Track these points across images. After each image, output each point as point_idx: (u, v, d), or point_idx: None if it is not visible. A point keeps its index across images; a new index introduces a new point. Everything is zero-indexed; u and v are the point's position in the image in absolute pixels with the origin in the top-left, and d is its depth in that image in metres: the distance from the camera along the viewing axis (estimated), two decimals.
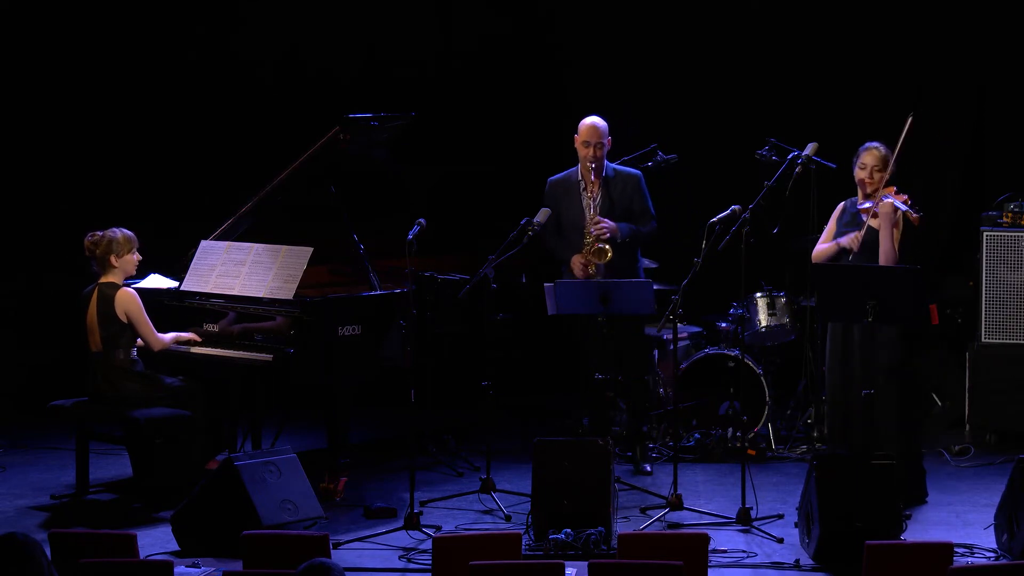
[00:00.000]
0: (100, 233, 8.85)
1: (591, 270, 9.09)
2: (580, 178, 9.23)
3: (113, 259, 8.82)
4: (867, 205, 8.60)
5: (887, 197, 8.50)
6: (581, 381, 9.28)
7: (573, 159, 9.32)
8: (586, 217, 9.16)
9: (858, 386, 8.42)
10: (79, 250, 8.95)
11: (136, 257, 8.91)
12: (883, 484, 7.65)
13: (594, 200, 9.17)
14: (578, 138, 9.20)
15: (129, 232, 8.90)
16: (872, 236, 8.58)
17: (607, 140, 9.19)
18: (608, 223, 9.11)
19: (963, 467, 9.64)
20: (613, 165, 9.34)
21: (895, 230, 8.49)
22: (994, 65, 11.09)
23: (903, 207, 8.41)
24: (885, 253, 8.48)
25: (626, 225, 9.19)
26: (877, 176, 8.61)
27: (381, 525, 8.29)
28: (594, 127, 9.17)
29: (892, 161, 8.61)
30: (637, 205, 9.26)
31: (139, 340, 8.87)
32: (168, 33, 11.71)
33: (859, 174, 8.66)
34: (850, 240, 8.63)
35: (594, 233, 9.09)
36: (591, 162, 9.13)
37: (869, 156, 8.65)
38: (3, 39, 11.62)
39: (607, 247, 9.06)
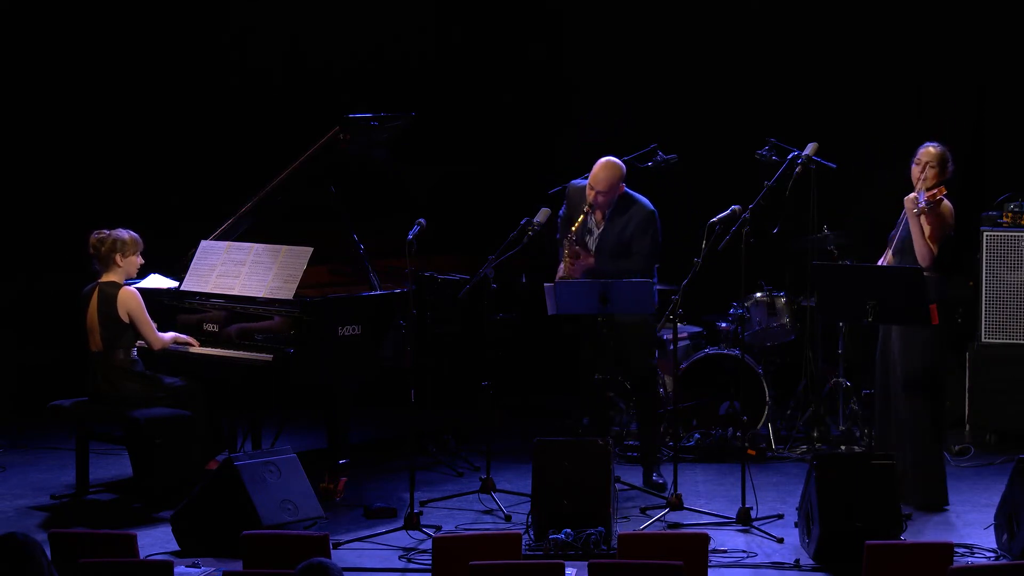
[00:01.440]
0: (107, 232, 8.85)
1: None
2: (587, 204, 8.91)
3: (118, 258, 8.82)
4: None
5: (920, 193, 8.50)
6: (581, 382, 9.23)
7: (572, 161, 9.30)
8: (581, 238, 8.94)
9: (893, 389, 8.52)
10: (79, 250, 8.94)
11: (139, 260, 8.91)
12: (883, 484, 7.65)
13: (586, 226, 8.90)
14: (590, 178, 8.86)
15: (135, 234, 8.90)
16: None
17: (615, 190, 8.83)
18: (580, 265, 8.86)
19: (963, 467, 9.64)
20: (635, 195, 8.97)
21: (924, 224, 8.46)
22: (994, 65, 11.10)
23: (921, 198, 8.41)
24: (917, 249, 8.47)
25: (609, 267, 8.87)
26: (930, 172, 8.55)
27: (381, 525, 8.29)
28: (601, 174, 8.81)
29: (949, 162, 8.58)
30: (637, 245, 8.91)
31: (140, 340, 8.87)
32: (167, 33, 11.71)
33: (913, 171, 8.61)
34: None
35: (567, 268, 8.87)
36: (589, 204, 8.86)
37: (924, 153, 8.59)
38: (3, 39, 11.62)
39: None
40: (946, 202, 8.54)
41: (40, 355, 11.22)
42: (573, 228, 8.89)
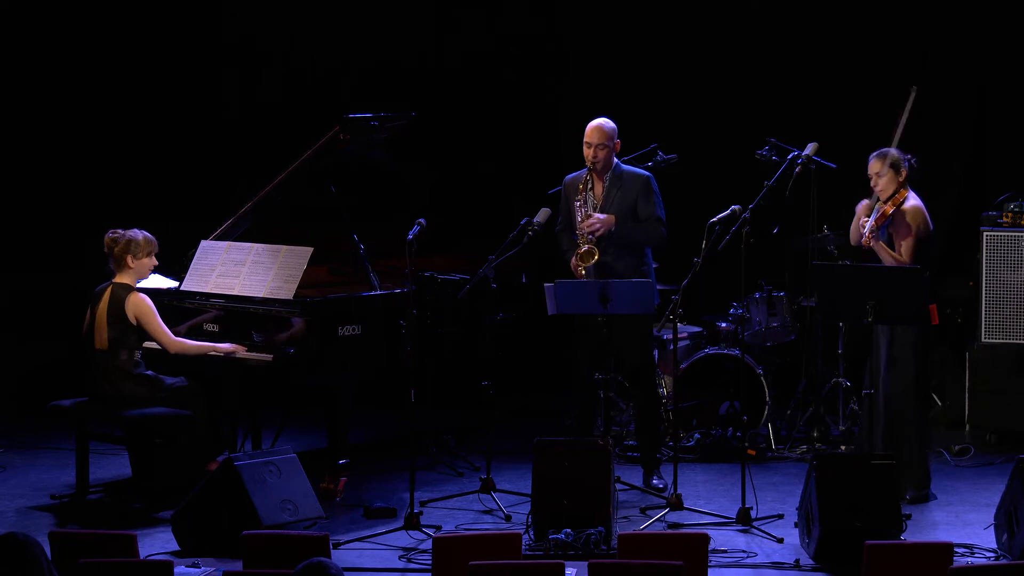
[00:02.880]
0: (121, 232, 8.83)
1: (582, 272, 8.87)
2: (587, 177, 9.00)
3: (129, 259, 8.80)
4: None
5: (876, 208, 8.52)
6: (573, 378, 9.17)
7: (573, 160, 9.29)
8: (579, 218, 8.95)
9: (887, 386, 8.57)
10: (80, 250, 8.94)
11: (153, 261, 8.89)
12: (883, 484, 7.65)
13: (586, 202, 8.91)
14: (584, 139, 8.98)
15: (150, 235, 8.86)
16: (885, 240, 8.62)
17: (612, 143, 8.92)
18: (597, 218, 8.85)
19: (963, 467, 9.64)
20: (625, 166, 9.07)
21: (891, 232, 8.48)
22: (994, 65, 11.10)
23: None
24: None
25: (627, 229, 8.92)
26: (880, 182, 8.62)
27: (381, 525, 8.29)
28: (596, 128, 8.91)
29: (903, 164, 8.58)
30: (643, 210, 8.94)
31: (145, 343, 8.84)
32: (169, 33, 11.71)
33: (871, 183, 8.67)
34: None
35: (584, 231, 8.89)
36: (591, 163, 8.93)
37: (869, 165, 8.69)
38: (3, 39, 11.62)
39: (595, 249, 8.83)
40: (910, 202, 8.56)
41: (40, 355, 11.22)
42: (580, 192, 8.90)
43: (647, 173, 9.09)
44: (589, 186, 8.96)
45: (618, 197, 8.97)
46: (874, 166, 8.66)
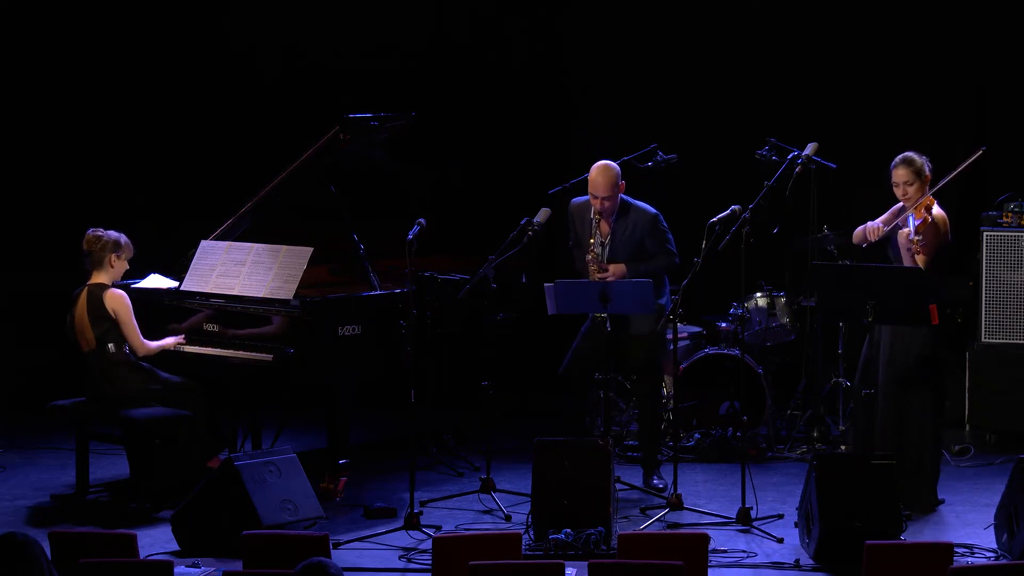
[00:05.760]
0: (103, 232, 8.85)
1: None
2: (595, 216, 8.90)
3: (113, 259, 8.82)
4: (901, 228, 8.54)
5: (910, 216, 8.41)
6: (573, 374, 9.16)
7: (572, 160, 9.29)
8: (594, 254, 8.89)
9: (890, 387, 8.52)
10: (79, 250, 8.93)
11: (127, 265, 8.93)
12: (883, 484, 7.65)
13: (595, 238, 8.87)
14: (588, 188, 8.87)
15: (128, 239, 8.92)
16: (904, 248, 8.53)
17: (616, 189, 8.80)
18: (610, 273, 8.84)
19: (963, 467, 9.65)
20: (632, 202, 8.98)
21: (918, 255, 8.38)
22: (994, 65, 11.09)
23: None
24: None
25: (634, 265, 8.89)
26: (910, 190, 8.49)
27: (381, 525, 8.29)
28: (602, 179, 8.78)
29: (926, 169, 8.51)
30: (651, 246, 8.92)
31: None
32: (167, 32, 11.71)
33: (896, 192, 8.57)
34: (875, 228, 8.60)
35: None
36: (598, 213, 8.85)
37: (896, 174, 8.52)
38: (3, 39, 11.62)
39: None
40: (937, 210, 8.48)
41: (40, 355, 11.21)
42: (592, 240, 8.90)
43: (654, 211, 8.99)
44: (596, 221, 8.91)
45: (625, 236, 8.94)
46: (902, 174, 8.48)
